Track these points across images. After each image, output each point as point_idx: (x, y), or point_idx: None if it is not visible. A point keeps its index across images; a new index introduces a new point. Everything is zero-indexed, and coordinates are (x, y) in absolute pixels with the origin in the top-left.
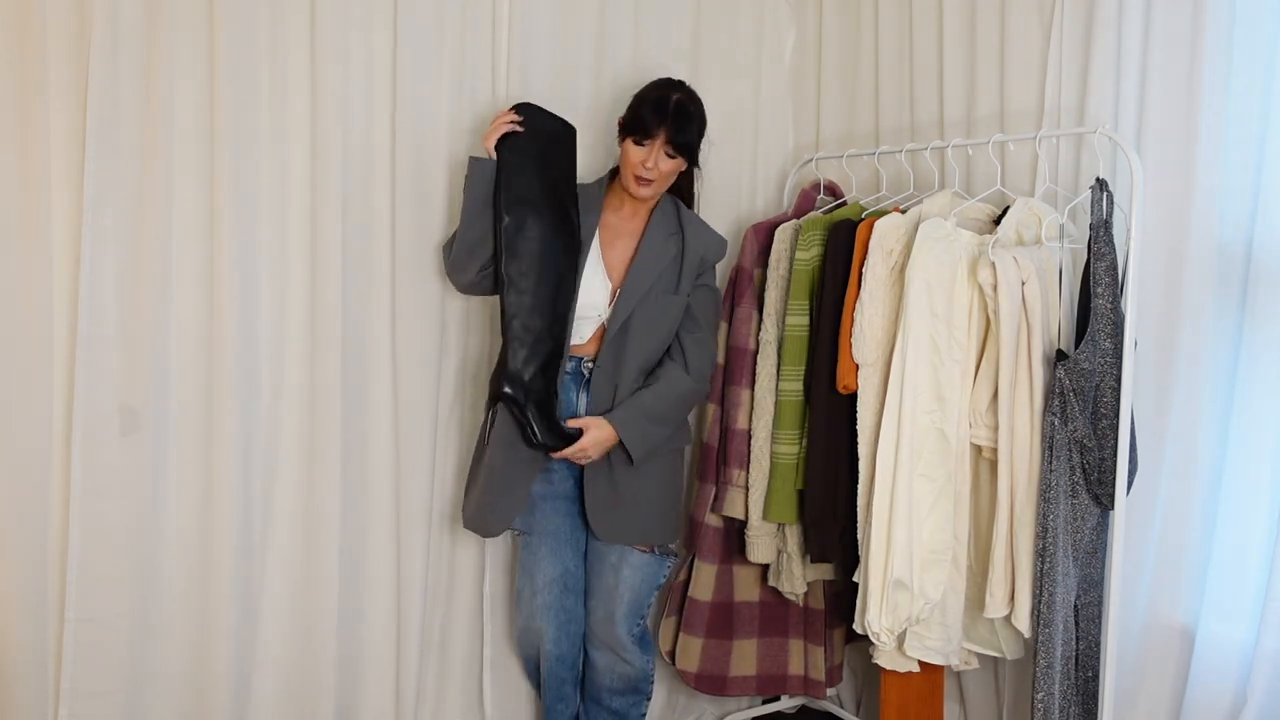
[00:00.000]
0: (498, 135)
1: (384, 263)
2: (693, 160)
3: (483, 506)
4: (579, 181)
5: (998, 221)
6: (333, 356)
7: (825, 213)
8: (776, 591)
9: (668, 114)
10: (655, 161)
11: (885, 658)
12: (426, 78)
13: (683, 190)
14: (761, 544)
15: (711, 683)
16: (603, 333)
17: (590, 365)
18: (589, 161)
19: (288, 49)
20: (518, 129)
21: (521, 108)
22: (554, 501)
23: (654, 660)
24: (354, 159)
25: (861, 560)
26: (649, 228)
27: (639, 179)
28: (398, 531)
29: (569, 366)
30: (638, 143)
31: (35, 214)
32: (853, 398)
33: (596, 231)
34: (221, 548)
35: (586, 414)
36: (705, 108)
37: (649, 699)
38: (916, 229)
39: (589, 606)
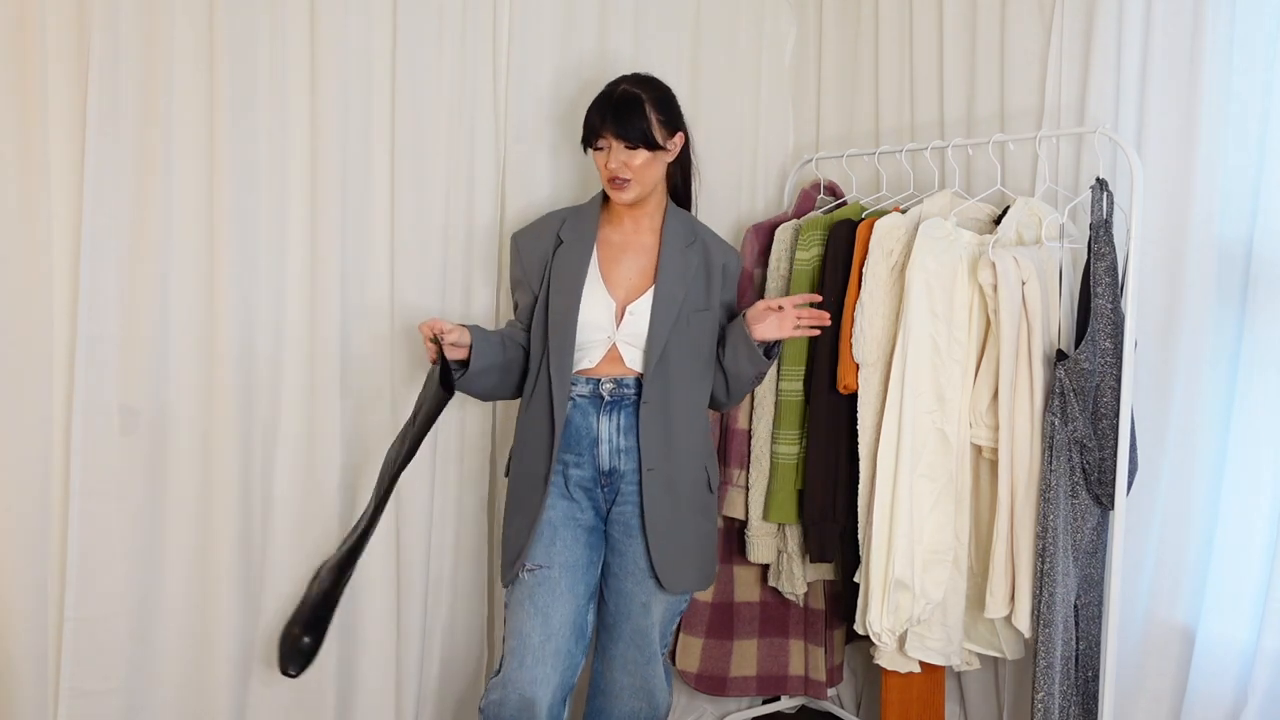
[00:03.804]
0: (434, 354)
1: (383, 263)
2: (652, 145)
3: (506, 547)
4: (571, 204)
5: (998, 221)
6: (332, 356)
7: (825, 213)
8: (777, 592)
9: (609, 110)
10: (619, 161)
11: (886, 658)
12: (427, 77)
13: (680, 191)
14: (761, 544)
15: (712, 683)
16: (614, 353)
17: (609, 386)
18: (590, 170)
19: (287, 48)
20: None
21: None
22: (575, 530)
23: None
24: (354, 158)
25: (862, 561)
26: (665, 242)
27: (613, 182)
28: (398, 532)
29: (585, 390)
30: (597, 149)
31: (35, 213)
32: (853, 398)
33: (594, 249)
34: (221, 547)
35: (621, 445)
36: (682, 92)
37: None
38: (916, 229)
39: (615, 652)
